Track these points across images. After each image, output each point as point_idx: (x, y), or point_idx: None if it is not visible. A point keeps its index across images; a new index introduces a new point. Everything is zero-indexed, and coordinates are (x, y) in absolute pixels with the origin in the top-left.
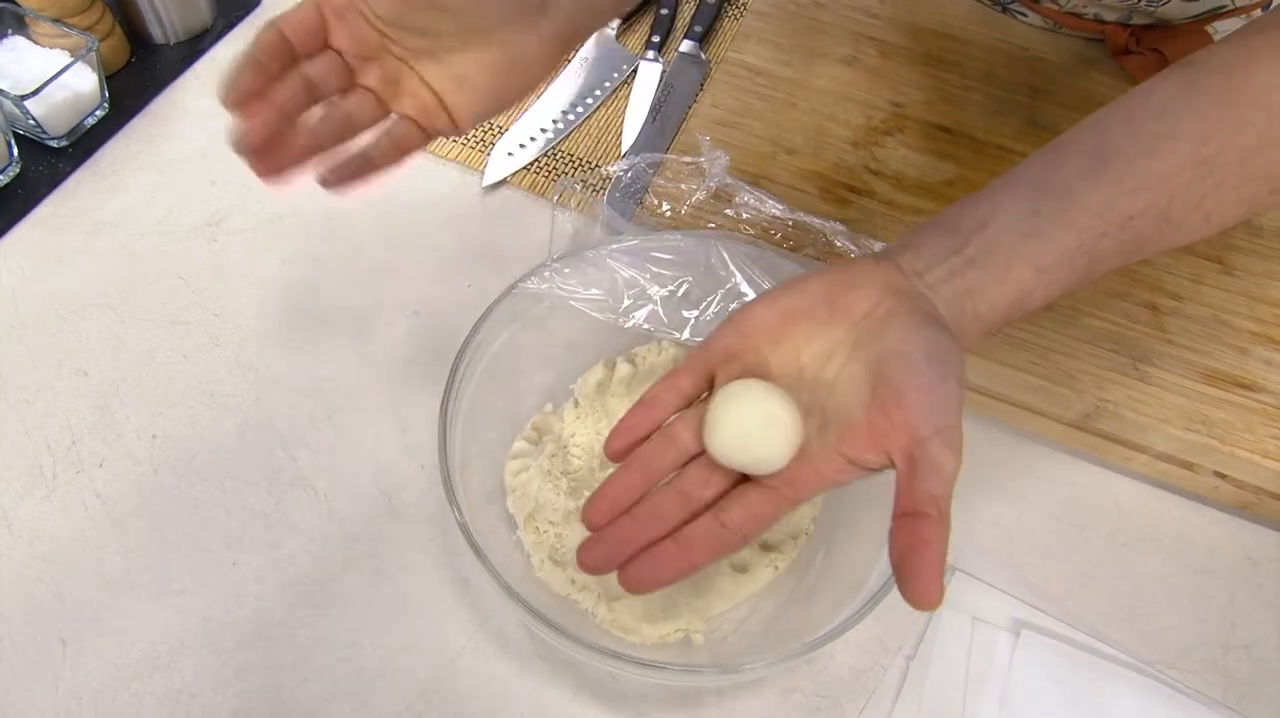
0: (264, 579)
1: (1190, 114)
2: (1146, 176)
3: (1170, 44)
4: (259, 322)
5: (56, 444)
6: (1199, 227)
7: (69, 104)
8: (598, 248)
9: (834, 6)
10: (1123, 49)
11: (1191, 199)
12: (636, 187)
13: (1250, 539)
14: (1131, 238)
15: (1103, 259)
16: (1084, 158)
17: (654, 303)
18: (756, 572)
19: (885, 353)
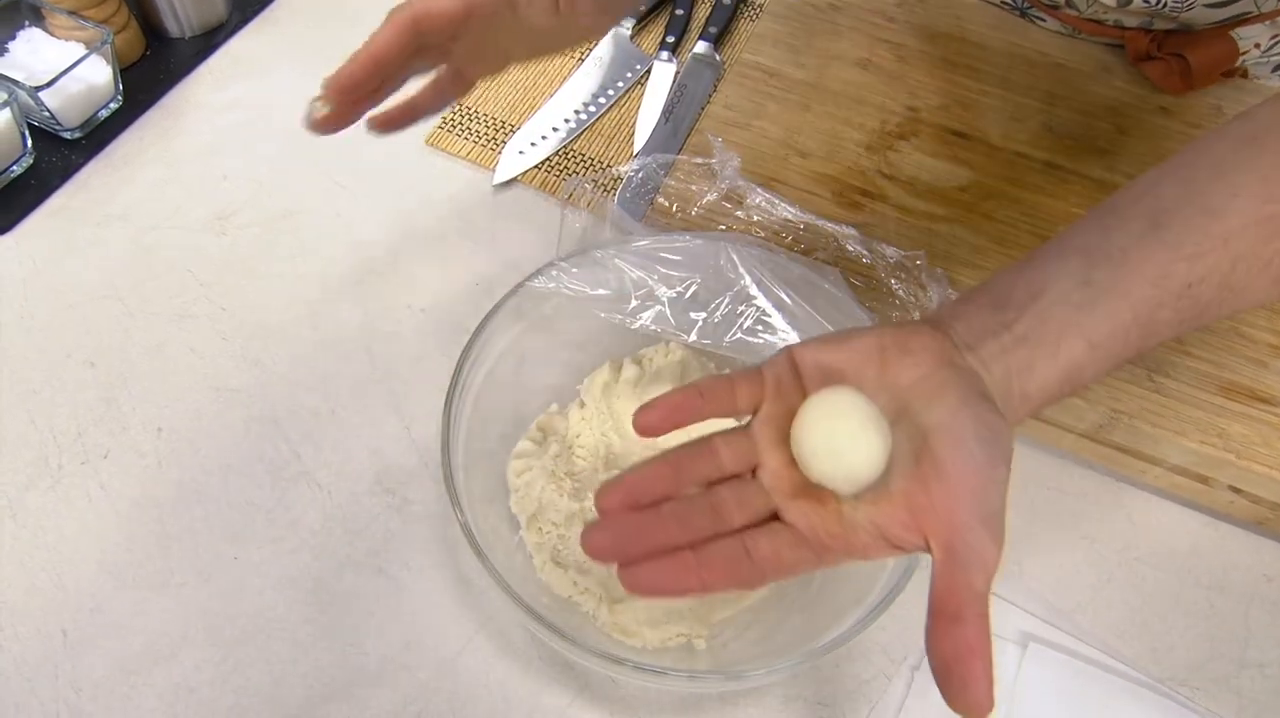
0: (265, 574)
1: (1253, 170)
2: (1207, 239)
3: (1193, 49)
4: (266, 316)
5: (63, 435)
6: (1267, 290)
7: (83, 96)
8: (606, 248)
9: (850, 10)
10: (1143, 55)
11: (1257, 263)
12: (648, 187)
13: (1266, 556)
14: (1190, 306)
15: (1159, 330)
16: (1139, 220)
17: (662, 304)
18: None
19: (933, 426)
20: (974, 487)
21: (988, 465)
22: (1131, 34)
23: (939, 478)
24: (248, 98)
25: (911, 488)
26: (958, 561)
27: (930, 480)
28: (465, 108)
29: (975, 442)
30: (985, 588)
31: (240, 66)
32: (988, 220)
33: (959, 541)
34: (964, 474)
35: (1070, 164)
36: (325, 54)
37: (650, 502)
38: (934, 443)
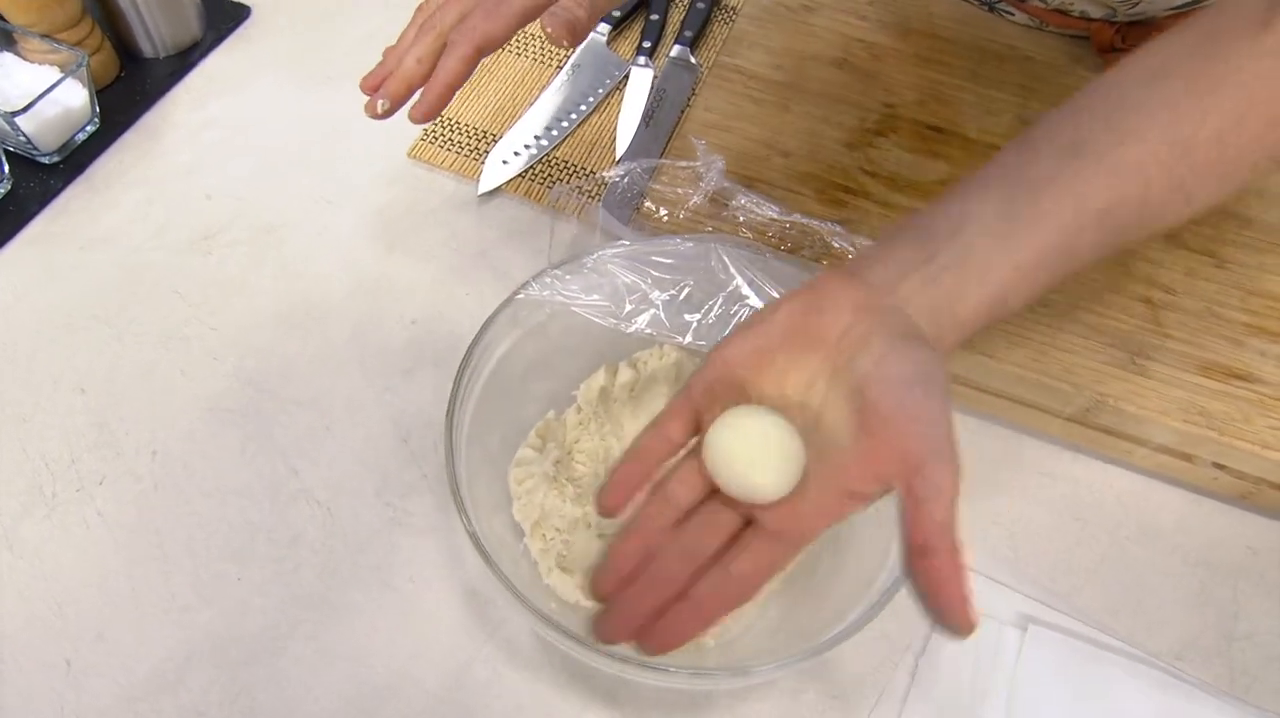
0: (269, 594)
1: (1161, 98)
2: (1122, 164)
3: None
4: (257, 335)
5: (55, 463)
6: (1181, 209)
7: (60, 120)
8: (598, 253)
9: (824, 10)
10: (1108, 46)
11: (1169, 184)
12: (633, 192)
13: (1250, 529)
14: (1112, 228)
15: (1083, 253)
16: (1056, 150)
17: (656, 307)
18: None
19: (865, 378)
20: (917, 427)
21: (925, 400)
22: (1096, 25)
23: (882, 424)
24: (226, 116)
25: (860, 441)
26: (918, 497)
27: (875, 429)
28: (446, 119)
29: (906, 384)
30: (948, 516)
31: (216, 85)
32: None
33: (915, 478)
34: (904, 416)
35: None
36: (300, 70)
37: (634, 572)
38: (869, 393)
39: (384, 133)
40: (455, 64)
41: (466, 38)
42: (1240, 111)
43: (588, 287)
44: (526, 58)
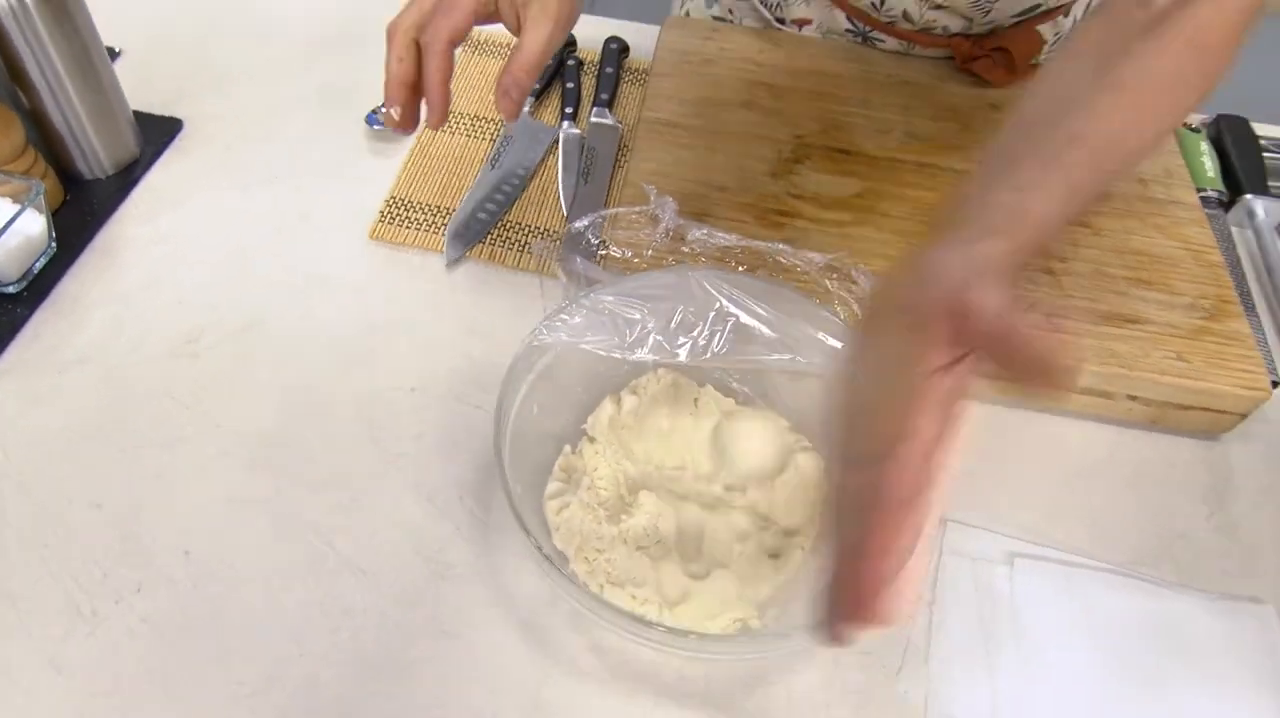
0: (334, 663)
1: (1108, 96)
2: (1072, 165)
3: (1010, 42)
4: (261, 425)
5: (87, 580)
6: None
7: (21, 249)
8: (592, 294)
9: (723, 60)
10: (969, 56)
11: (1103, 181)
12: (598, 241)
13: (1165, 448)
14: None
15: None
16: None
17: (655, 334)
18: (789, 554)
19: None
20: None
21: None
22: (956, 41)
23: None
24: (179, 226)
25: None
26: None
27: None
28: (398, 200)
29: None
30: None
31: (163, 197)
32: (885, 218)
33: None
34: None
35: (935, 161)
36: (243, 174)
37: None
38: None
39: (341, 220)
40: (436, 61)
41: (436, 37)
42: (1144, 101)
43: (590, 325)
44: (460, 135)
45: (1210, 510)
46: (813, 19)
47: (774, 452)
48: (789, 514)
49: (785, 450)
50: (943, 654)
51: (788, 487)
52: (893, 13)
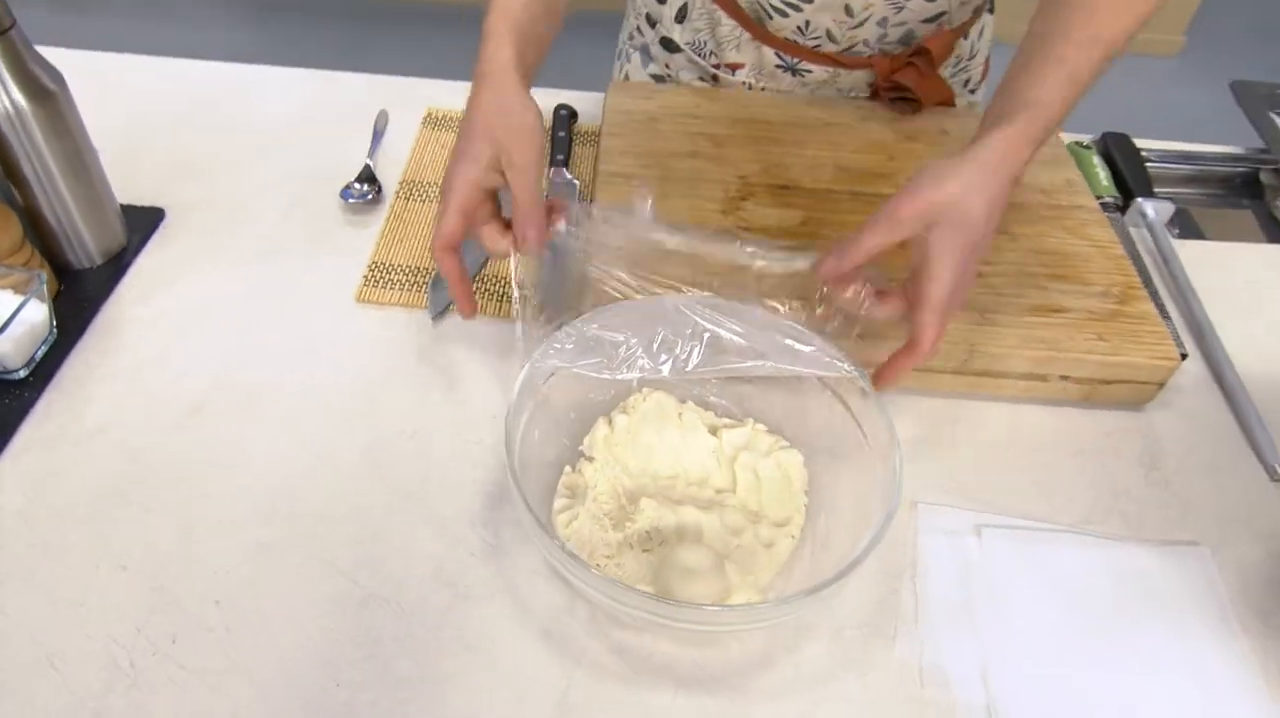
0: (370, 689)
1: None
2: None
3: (930, 41)
4: (276, 478)
5: (122, 636)
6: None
7: (26, 336)
8: (580, 322)
9: (665, 116)
10: (889, 72)
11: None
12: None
13: (1100, 421)
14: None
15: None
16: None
17: (640, 355)
18: (780, 543)
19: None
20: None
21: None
22: (877, 59)
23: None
24: (172, 306)
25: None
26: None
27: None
28: (379, 264)
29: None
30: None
31: (153, 281)
32: (828, 240)
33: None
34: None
35: (865, 189)
36: (229, 254)
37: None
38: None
39: (327, 287)
40: (444, 268)
41: (435, 245)
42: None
43: (581, 351)
44: (430, 202)
45: (1145, 471)
46: (745, 62)
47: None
48: (778, 508)
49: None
50: (930, 619)
51: (773, 483)
52: (817, 35)
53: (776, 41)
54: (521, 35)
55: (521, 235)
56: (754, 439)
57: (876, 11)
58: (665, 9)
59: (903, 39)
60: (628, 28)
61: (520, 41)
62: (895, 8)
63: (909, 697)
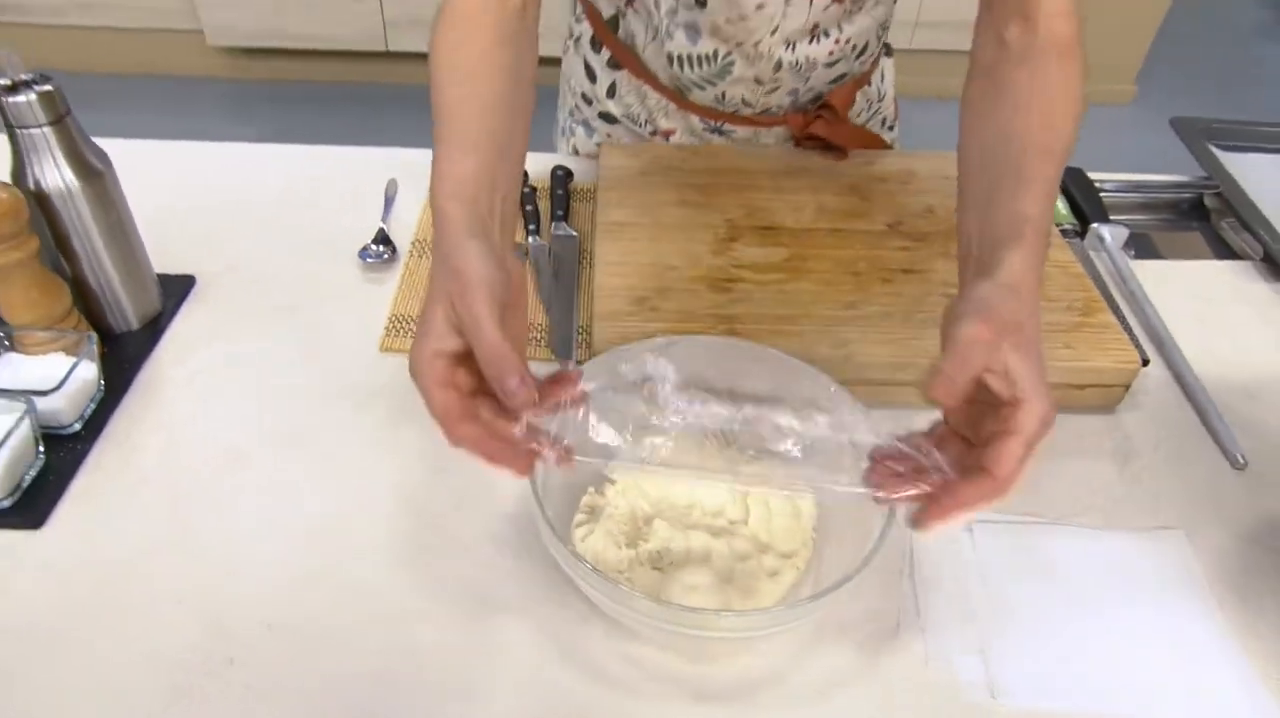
0: (415, 695)
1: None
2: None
3: (832, 98)
4: (315, 512)
5: (182, 662)
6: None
7: (79, 394)
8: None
9: (654, 171)
10: (803, 126)
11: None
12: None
13: (1075, 424)
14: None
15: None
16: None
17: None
18: (785, 574)
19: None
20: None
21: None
22: (790, 116)
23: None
24: (208, 364)
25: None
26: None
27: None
28: (398, 316)
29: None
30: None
31: (189, 342)
32: (812, 273)
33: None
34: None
35: (844, 226)
36: (259, 316)
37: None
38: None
39: (352, 339)
40: (466, 444)
41: (445, 434)
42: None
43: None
44: None
45: (1119, 467)
46: (675, 127)
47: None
48: (786, 540)
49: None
50: (932, 611)
51: (784, 517)
52: (734, 103)
53: (699, 109)
54: (483, 114)
55: (503, 392)
56: (769, 474)
57: (785, 83)
58: (597, 87)
59: (813, 99)
60: (566, 106)
61: (472, 184)
62: (802, 78)
63: (914, 679)
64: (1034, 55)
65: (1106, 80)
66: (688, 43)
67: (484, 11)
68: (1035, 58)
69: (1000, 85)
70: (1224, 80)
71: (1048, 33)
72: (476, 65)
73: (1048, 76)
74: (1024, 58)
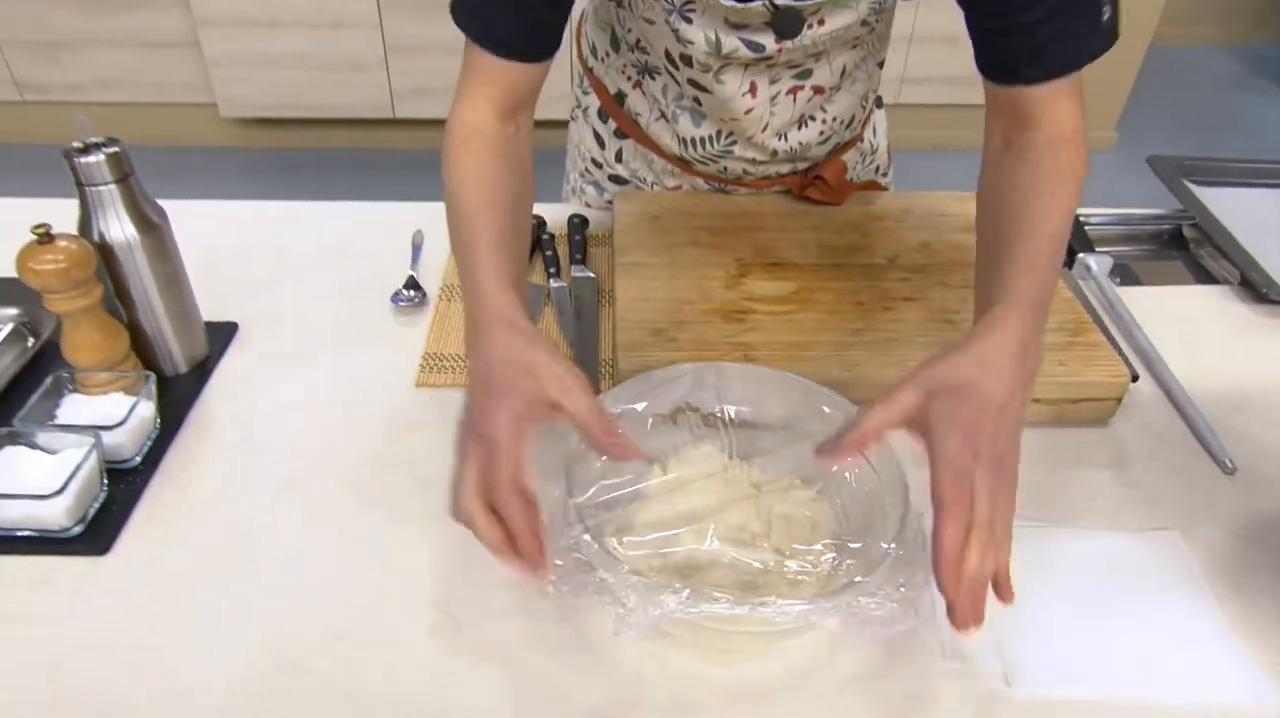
0: (481, 693)
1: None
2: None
3: (825, 171)
4: (369, 531)
5: (240, 668)
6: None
7: (139, 429)
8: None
9: (666, 215)
10: (801, 188)
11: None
12: None
13: (1072, 437)
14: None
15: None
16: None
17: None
18: (804, 584)
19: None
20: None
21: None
22: (788, 179)
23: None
24: (255, 401)
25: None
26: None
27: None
28: (431, 354)
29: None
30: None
31: (235, 382)
32: (819, 304)
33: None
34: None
35: (845, 261)
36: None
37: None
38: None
39: (389, 377)
40: (515, 512)
41: (502, 491)
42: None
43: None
44: None
45: (1115, 475)
46: (681, 184)
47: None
48: (805, 553)
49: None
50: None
51: (803, 529)
52: (735, 173)
53: (702, 175)
54: (503, 249)
55: (602, 446)
56: (790, 492)
57: (782, 157)
58: (606, 153)
59: (811, 167)
60: (576, 168)
61: (506, 260)
62: (798, 156)
63: (933, 669)
64: (1036, 149)
65: (1090, 128)
66: (692, 125)
67: (476, 135)
68: (1038, 151)
69: (1004, 175)
70: (1200, 127)
71: (1051, 131)
72: (489, 184)
73: (1053, 165)
74: (1025, 153)
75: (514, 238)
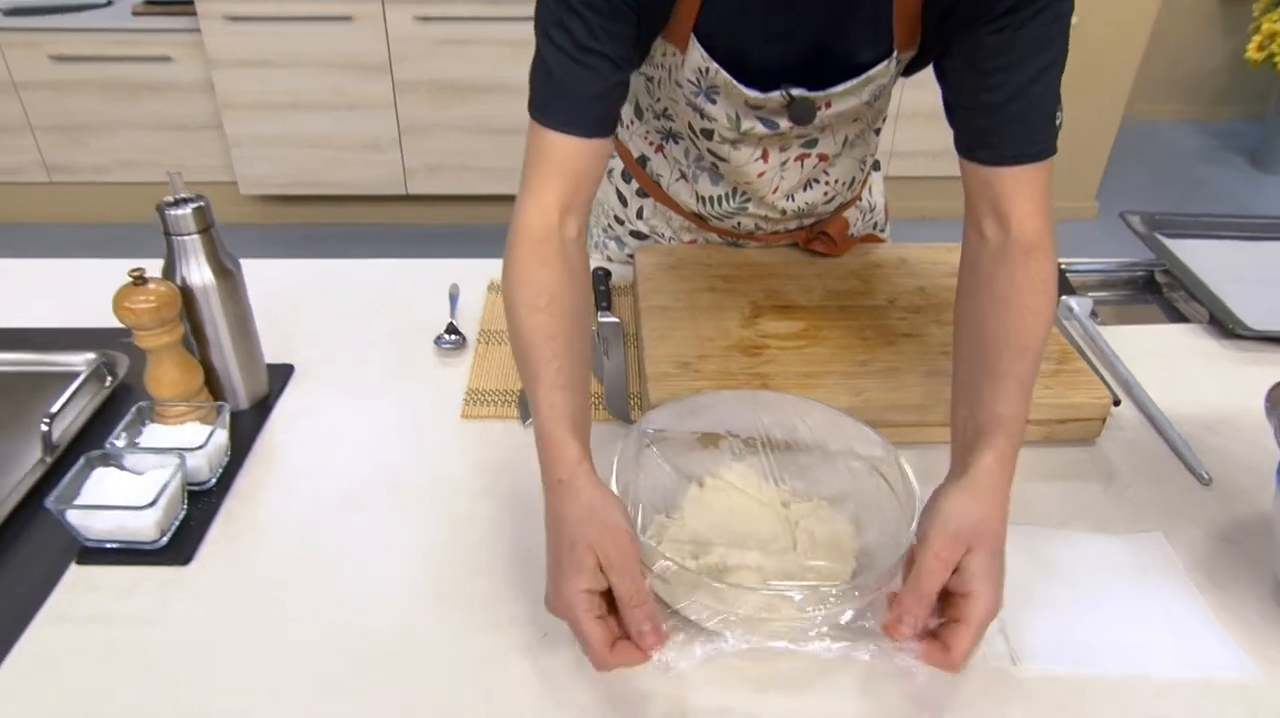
0: (522, 687)
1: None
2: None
3: (828, 227)
4: (427, 545)
5: (318, 665)
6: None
7: (215, 454)
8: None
9: (684, 265)
10: (808, 239)
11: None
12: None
13: (1063, 455)
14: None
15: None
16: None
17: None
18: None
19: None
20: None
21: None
22: (796, 233)
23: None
24: (315, 432)
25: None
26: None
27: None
28: (475, 390)
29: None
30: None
31: (295, 417)
32: (828, 340)
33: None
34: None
35: (850, 303)
36: (350, 394)
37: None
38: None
39: (437, 411)
40: (629, 659)
41: (602, 664)
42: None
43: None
44: (507, 343)
45: (1103, 487)
46: (696, 239)
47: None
48: (829, 563)
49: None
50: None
51: (827, 542)
52: (748, 229)
53: (717, 230)
54: (575, 420)
55: (638, 632)
56: (817, 509)
57: (790, 215)
58: (628, 210)
59: (816, 223)
60: (600, 225)
61: (578, 428)
62: (806, 212)
63: None
64: (1008, 253)
65: (1072, 199)
66: (710, 185)
67: (545, 242)
68: (1010, 256)
69: (981, 281)
70: (1174, 196)
71: (1019, 232)
72: (557, 306)
73: (1026, 275)
74: (1000, 256)
75: (577, 369)
